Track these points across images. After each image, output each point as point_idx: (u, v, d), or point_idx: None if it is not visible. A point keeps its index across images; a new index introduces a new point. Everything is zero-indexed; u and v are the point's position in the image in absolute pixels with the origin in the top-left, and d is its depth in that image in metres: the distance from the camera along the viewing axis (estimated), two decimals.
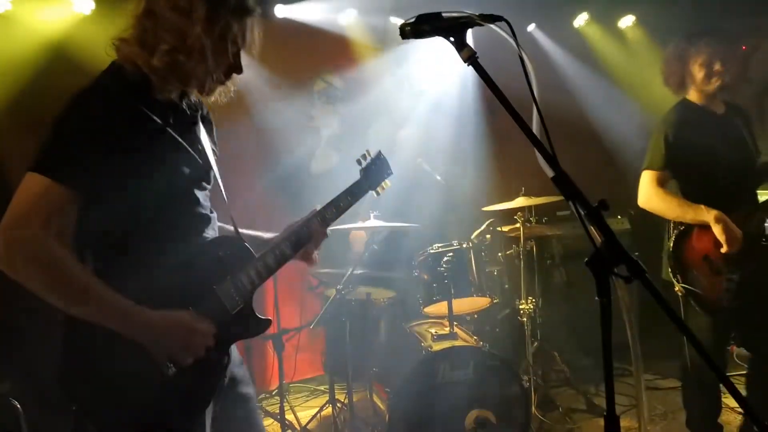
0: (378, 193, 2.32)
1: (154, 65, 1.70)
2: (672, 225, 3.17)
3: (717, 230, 2.97)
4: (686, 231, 3.12)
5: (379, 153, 2.33)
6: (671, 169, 3.17)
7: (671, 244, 3.12)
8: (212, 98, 1.85)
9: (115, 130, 1.62)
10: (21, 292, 1.60)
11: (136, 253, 1.71)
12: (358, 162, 2.30)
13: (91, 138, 1.60)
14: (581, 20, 5.62)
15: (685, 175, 3.18)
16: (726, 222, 2.97)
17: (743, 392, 3.21)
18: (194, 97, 1.91)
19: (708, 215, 3.00)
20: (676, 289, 3.09)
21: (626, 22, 5.72)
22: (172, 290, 1.72)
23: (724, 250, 2.98)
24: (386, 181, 2.34)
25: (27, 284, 1.57)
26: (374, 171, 2.31)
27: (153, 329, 1.66)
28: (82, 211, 1.65)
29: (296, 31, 4.90)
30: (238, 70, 1.81)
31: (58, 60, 3.89)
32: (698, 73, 3.14)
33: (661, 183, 3.16)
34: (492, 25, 1.39)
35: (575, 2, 5.51)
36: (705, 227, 3.02)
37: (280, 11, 4.69)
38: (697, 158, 3.10)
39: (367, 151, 2.32)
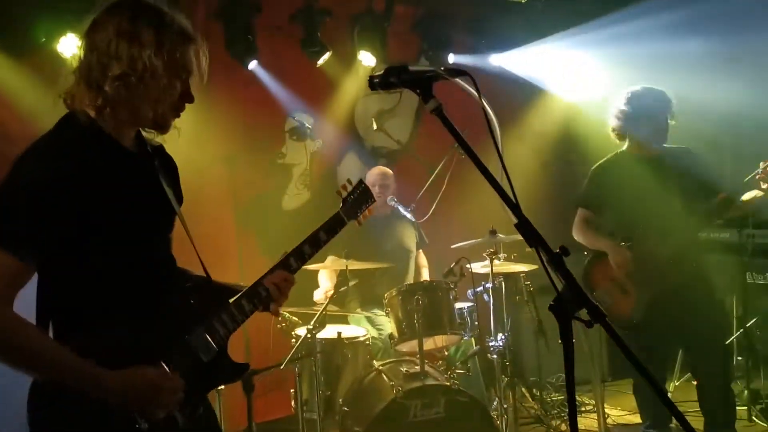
0: (360, 223, 2.26)
1: (105, 96, 1.64)
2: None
3: (609, 256, 3.52)
4: (597, 256, 3.64)
5: (361, 181, 2.29)
6: (591, 208, 3.74)
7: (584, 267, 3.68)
8: (167, 133, 1.80)
9: (62, 189, 1.57)
10: None
11: (100, 310, 1.67)
12: (338, 193, 2.26)
13: (37, 202, 1.55)
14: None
15: (601, 211, 3.73)
16: (615, 249, 3.50)
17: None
18: (152, 141, 1.86)
19: (602, 244, 3.58)
20: None
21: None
22: (142, 344, 1.69)
23: (616, 271, 3.49)
24: (370, 208, 2.29)
25: None
26: (355, 200, 2.25)
27: (117, 391, 1.60)
28: (41, 275, 1.63)
29: (267, 71, 4.96)
30: (190, 98, 1.76)
31: None
32: (648, 131, 3.51)
33: (583, 218, 3.72)
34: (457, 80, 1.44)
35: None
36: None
37: (252, 66, 4.78)
38: (613, 201, 3.62)
39: (348, 180, 2.28)
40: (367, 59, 5.08)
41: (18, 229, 1.55)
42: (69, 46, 3.95)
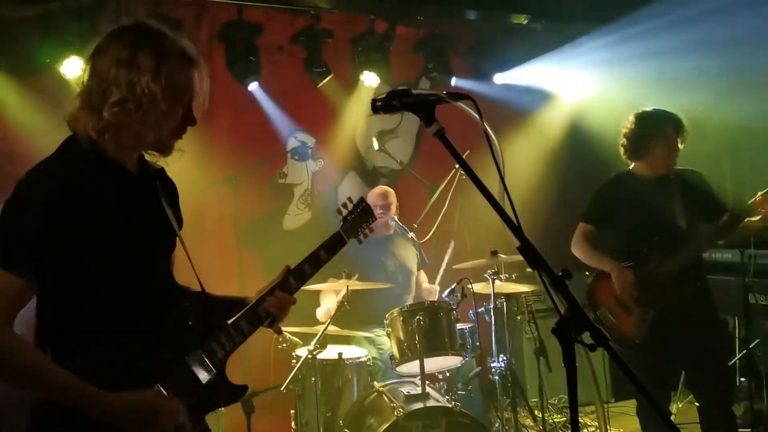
0: (360, 241, 2.22)
1: (105, 121, 1.66)
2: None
3: (613, 277, 3.46)
4: (601, 274, 3.59)
5: (362, 199, 2.24)
6: (595, 224, 3.66)
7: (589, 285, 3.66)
8: (170, 155, 1.81)
9: (63, 210, 1.60)
10: None
11: (99, 332, 1.67)
12: (339, 211, 2.21)
13: (40, 222, 1.57)
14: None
15: (605, 228, 3.68)
16: (619, 271, 3.44)
17: None
18: (154, 164, 1.87)
19: (606, 264, 3.51)
20: None
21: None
22: (141, 366, 1.70)
23: (617, 293, 3.45)
24: (370, 227, 2.23)
25: None
26: (356, 219, 2.19)
27: (114, 413, 1.60)
28: (41, 295, 1.64)
29: (269, 92, 5.00)
30: (192, 121, 1.78)
31: None
32: (658, 153, 3.48)
33: (585, 233, 3.65)
34: (459, 103, 1.45)
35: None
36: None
37: (253, 86, 4.82)
38: (618, 219, 3.59)
39: (349, 198, 2.24)
40: (368, 80, 5.11)
41: (20, 249, 1.57)
42: (72, 68, 4.01)
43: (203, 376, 1.81)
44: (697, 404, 3.56)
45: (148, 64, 1.67)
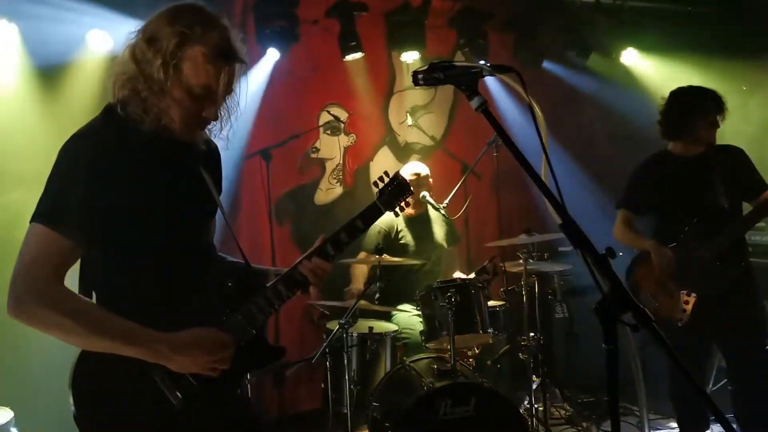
0: (397, 214, 2.24)
1: (120, 95, 1.71)
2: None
3: (652, 255, 3.42)
4: (640, 257, 3.55)
5: (397, 174, 2.26)
6: (633, 210, 3.64)
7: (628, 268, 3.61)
8: (203, 128, 1.82)
9: (104, 174, 1.65)
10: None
11: (140, 292, 1.72)
12: (375, 184, 2.24)
13: (82, 184, 1.63)
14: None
15: (643, 213, 3.64)
16: (658, 249, 3.41)
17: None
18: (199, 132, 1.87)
19: (645, 244, 3.48)
20: None
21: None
22: (180, 325, 1.73)
23: (656, 272, 3.40)
24: (407, 200, 2.25)
25: (44, 331, 1.61)
26: (392, 192, 2.21)
27: (170, 345, 1.67)
28: (85, 254, 1.69)
29: (302, 65, 4.98)
30: (213, 116, 1.78)
31: None
32: (698, 131, 3.39)
33: (624, 219, 3.63)
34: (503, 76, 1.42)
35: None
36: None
37: (273, 55, 4.78)
38: (657, 202, 3.54)
39: (385, 172, 2.26)
40: (403, 54, 5.06)
41: (67, 210, 1.62)
42: (98, 40, 4.01)
43: (242, 336, 1.84)
44: (729, 387, 3.51)
45: (162, 52, 1.66)
